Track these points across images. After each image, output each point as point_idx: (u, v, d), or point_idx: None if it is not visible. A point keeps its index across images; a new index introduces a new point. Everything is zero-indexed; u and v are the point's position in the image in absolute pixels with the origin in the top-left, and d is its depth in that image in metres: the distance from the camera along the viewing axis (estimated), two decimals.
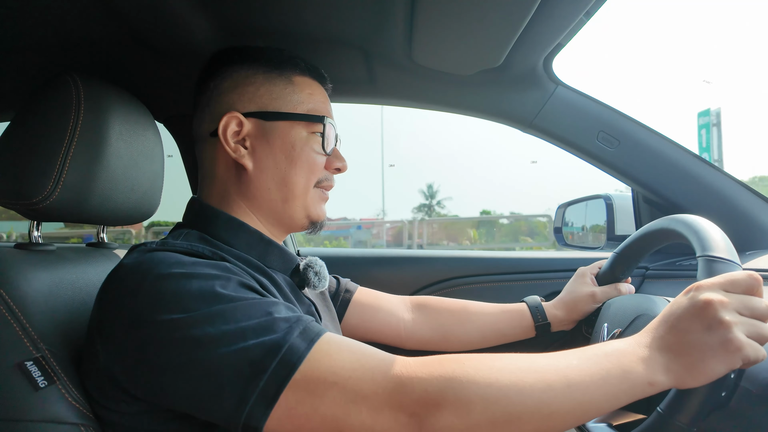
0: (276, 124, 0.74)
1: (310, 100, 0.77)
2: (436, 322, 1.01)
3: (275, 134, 0.74)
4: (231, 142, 0.73)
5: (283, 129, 0.75)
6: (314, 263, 0.79)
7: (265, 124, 0.74)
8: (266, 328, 0.54)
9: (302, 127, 0.76)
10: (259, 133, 0.74)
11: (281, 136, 0.74)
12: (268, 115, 0.74)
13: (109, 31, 0.90)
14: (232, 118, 0.73)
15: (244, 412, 0.51)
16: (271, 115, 0.74)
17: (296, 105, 0.76)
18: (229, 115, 0.73)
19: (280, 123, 0.74)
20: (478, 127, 72.26)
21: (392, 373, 0.52)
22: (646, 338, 0.56)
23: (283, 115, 0.75)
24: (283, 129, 0.75)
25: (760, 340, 0.53)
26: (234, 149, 0.73)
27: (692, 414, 0.54)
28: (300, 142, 0.75)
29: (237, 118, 0.73)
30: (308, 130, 0.76)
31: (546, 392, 0.51)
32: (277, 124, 0.74)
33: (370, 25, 0.92)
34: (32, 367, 0.59)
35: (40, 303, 0.65)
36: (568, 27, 0.91)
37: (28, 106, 0.73)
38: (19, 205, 0.71)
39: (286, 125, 0.75)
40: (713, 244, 0.62)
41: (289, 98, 0.76)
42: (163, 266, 0.58)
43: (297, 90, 0.77)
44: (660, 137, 1.14)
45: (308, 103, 0.77)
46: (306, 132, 0.76)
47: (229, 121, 0.73)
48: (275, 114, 0.74)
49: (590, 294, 0.95)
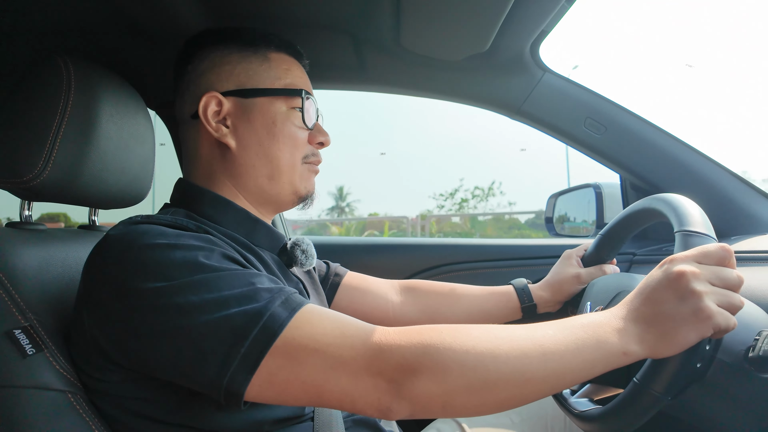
0: (255, 100, 0.75)
1: (287, 75, 0.78)
2: (424, 304, 1.02)
3: (255, 111, 0.75)
4: (212, 122, 0.74)
5: (263, 105, 0.76)
6: (301, 241, 0.80)
7: (244, 101, 0.75)
8: (248, 297, 0.55)
9: (282, 102, 0.76)
10: (239, 111, 0.75)
11: (261, 112, 0.75)
12: (247, 92, 0.75)
13: (101, 16, 0.91)
14: (212, 98, 0.74)
15: (226, 377, 0.52)
16: (250, 92, 0.75)
17: (274, 80, 0.77)
18: (208, 95, 0.74)
19: (259, 99, 0.75)
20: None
21: (372, 340, 0.54)
22: (621, 310, 0.58)
23: (261, 92, 0.76)
24: (262, 105, 0.76)
25: (731, 310, 0.54)
26: (216, 129, 0.74)
27: (666, 383, 0.56)
28: (281, 117, 0.76)
29: (216, 97, 0.74)
30: (288, 105, 0.77)
31: (521, 360, 0.52)
32: (257, 100, 0.75)
33: (358, 10, 0.93)
34: (20, 335, 0.61)
35: (29, 276, 0.66)
36: (552, 11, 0.93)
37: (19, 87, 0.74)
38: (10, 183, 0.72)
39: (265, 101, 0.76)
40: (689, 219, 0.63)
41: (266, 74, 0.77)
42: (147, 237, 0.59)
43: (273, 66, 0.77)
44: (647, 123, 1.16)
45: (285, 78, 0.78)
46: (286, 107, 0.76)
47: (208, 101, 0.74)
48: (253, 91, 0.75)
49: (575, 275, 0.97)
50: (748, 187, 1.13)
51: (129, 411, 0.62)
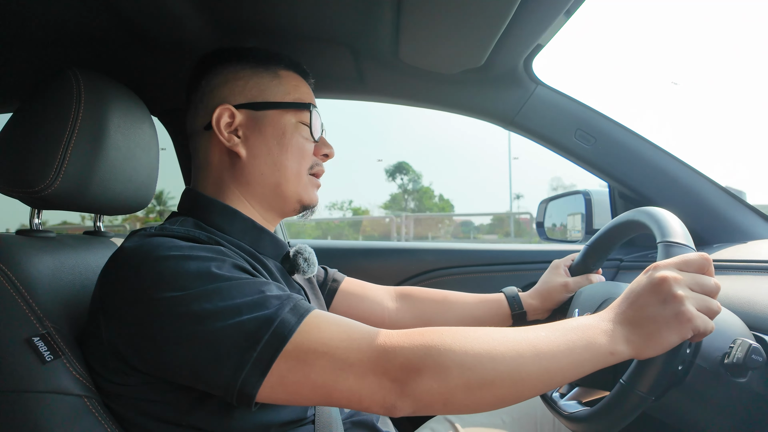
0: (266, 113, 0.80)
1: (295, 90, 0.83)
2: (418, 311, 1.06)
3: (266, 122, 0.79)
4: (224, 133, 0.78)
5: (273, 117, 0.80)
6: (304, 250, 0.83)
7: (255, 114, 0.79)
8: (259, 304, 0.58)
9: (291, 115, 0.81)
10: (251, 123, 0.79)
11: (272, 123, 0.80)
12: (259, 105, 0.79)
13: (108, 27, 0.94)
14: (224, 110, 0.78)
15: (239, 379, 0.56)
16: (261, 105, 0.80)
17: (284, 95, 0.81)
18: (222, 108, 0.78)
19: (270, 112, 0.80)
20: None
21: (376, 342, 0.57)
22: (609, 314, 0.62)
23: (272, 105, 0.80)
24: (273, 117, 0.80)
25: (709, 314, 0.59)
26: (228, 139, 0.78)
27: (650, 383, 0.60)
28: (290, 128, 0.80)
29: (229, 110, 0.78)
30: (296, 118, 0.81)
31: (516, 360, 0.56)
32: (268, 113, 0.80)
33: (359, 25, 0.97)
34: (39, 343, 0.63)
35: (44, 284, 0.68)
36: (548, 26, 0.96)
37: (31, 99, 0.76)
38: (22, 193, 0.74)
39: (275, 114, 0.80)
40: (671, 231, 0.68)
41: (276, 89, 0.81)
42: (161, 249, 0.62)
43: (283, 82, 0.82)
44: (635, 135, 1.20)
45: (294, 93, 0.82)
46: (294, 120, 0.81)
47: (221, 113, 0.78)
48: (265, 104, 0.80)
49: (563, 284, 1.00)
50: (731, 197, 1.18)
51: (143, 413, 0.64)
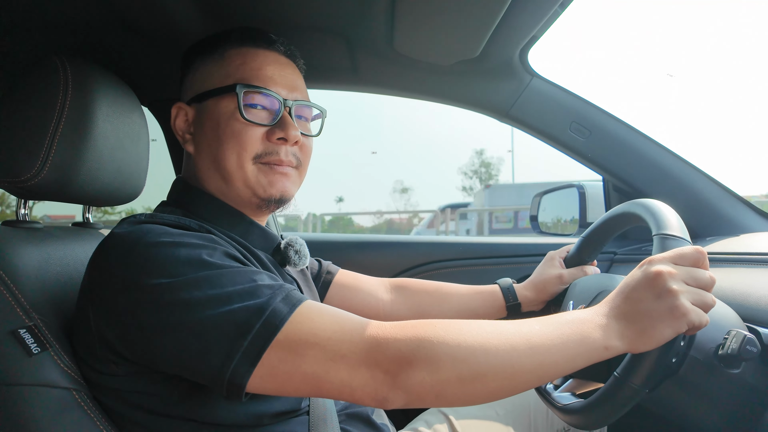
0: (206, 104, 0.76)
1: (238, 70, 0.74)
2: (413, 302, 1.05)
3: (206, 114, 0.76)
4: (179, 132, 0.78)
5: (211, 107, 0.75)
6: (294, 242, 0.82)
7: (199, 106, 0.77)
8: (251, 293, 0.57)
9: (229, 101, 0.73)
10: (197, 117, 0.77)
11: (209, 114, 0.75)
12: (200, 97, 0.76)
13: (97, 14, 0.92)
14: (177, 109, 0.78)
15: (229, 369, 0.54)
16: (200, 96, 0.76)
17: (223, 79, 0.74)
18: (175, 107, 0.78)
19: (209, 102, 0.75)
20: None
21: (369, 334, 0.56)
22: (604, 308, 0.61)
23: (206, 94, 0.75)
24: (211, 107, 0.75)
25: (703, 308, 0.59)
26: (182, 137, 0.78)
27: (644, 376, 0.60)
28: (224, 116, 0.73)
29: (180, 107, 0.78)
30: (235, 102, 0.73)
31: (510, 353, 0.56)
32: (207, 103, 0.75)
33: (353, 14, 0.95)
34: (25, 335, 0.62)
35: (30, 275, 0.67)
36: (543, 18, 0.95)
37: (16, 87, 0.74)
38: (7, 182, 0.72)
39: (212, 103, 0.74)
40: (666, 223, 0.67)
41: (217, 74, 0.75)
42: (152, 235, 0.61)
43: (226, 64, 0.75)
44: (629, 128, 1.20)
45: (236, 74, 0.74)
46: (233, 105, 0.73)
47: (176, 112, 0.78)
48: (202, 95, 0.76)
49: (558, 276, 1.00)
50: (724, 190, 1.18)
51: (132, 404, 0.63)
